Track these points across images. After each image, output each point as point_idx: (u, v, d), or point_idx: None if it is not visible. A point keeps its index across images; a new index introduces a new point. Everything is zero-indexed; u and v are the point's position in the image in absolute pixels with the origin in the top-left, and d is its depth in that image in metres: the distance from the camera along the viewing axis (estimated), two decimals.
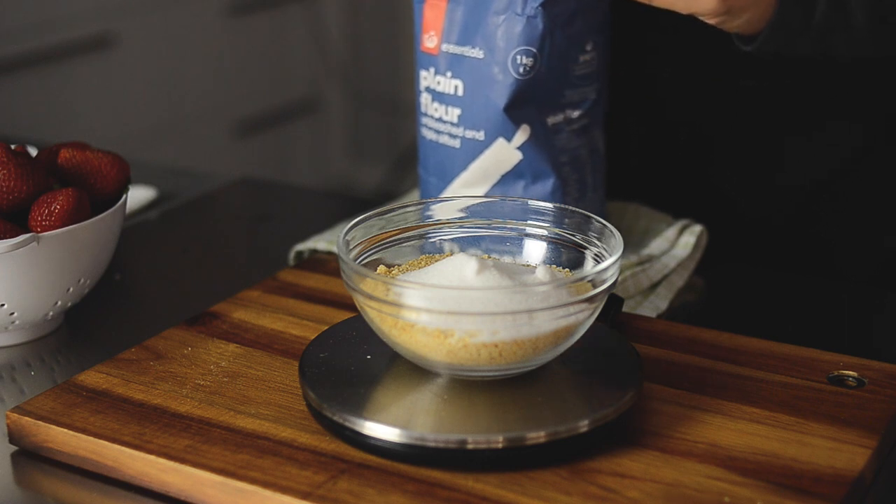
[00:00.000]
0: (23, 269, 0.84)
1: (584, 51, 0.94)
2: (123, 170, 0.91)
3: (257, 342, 0.85)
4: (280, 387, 0.78)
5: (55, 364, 0.89)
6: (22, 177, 0.85)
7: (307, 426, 0.73)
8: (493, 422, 0.70)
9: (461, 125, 0.94)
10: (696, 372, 0.79)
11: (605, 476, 0.68)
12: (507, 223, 0.82)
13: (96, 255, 0.90)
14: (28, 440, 0.75)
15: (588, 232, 0.78)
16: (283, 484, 0.67)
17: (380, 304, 0.71)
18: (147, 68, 2.44)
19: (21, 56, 2.18)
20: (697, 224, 1.00)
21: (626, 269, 0.95)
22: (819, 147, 1.08)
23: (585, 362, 0.75)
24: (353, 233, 0.77)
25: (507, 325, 0.69)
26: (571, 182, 0.95)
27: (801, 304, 0.97)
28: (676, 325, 0.86)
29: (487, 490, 0.67)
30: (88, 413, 0.75)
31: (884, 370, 0.79)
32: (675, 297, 0.95)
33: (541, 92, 0.92)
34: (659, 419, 0.73)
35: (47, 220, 0.85)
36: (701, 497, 0.66)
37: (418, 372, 0.74)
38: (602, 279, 0.72)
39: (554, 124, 0.94)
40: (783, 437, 0.72)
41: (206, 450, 0.71)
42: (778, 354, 0.81)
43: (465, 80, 0.93)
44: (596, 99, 0.96)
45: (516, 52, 0.91)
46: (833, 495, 0.66)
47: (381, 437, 0.69)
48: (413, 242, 0.81)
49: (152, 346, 0.84)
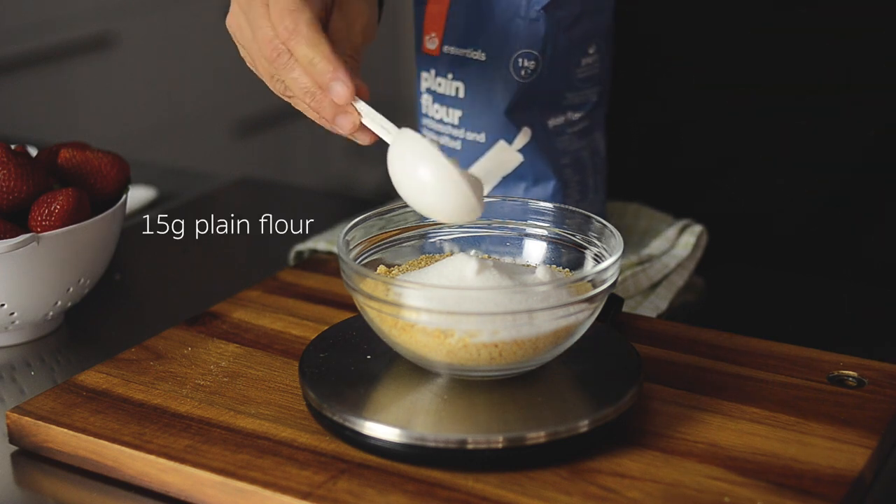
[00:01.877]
0: (23, 269, 0.84)
1: (587, 54, 0.93)
2: (123, 170, 0.91)
3: (257, 342, 0.85)
4: (280, 387, 0.78)
5: (55, 364, 0.89)
6: (22, 177, 0.85)
7: (307, 426, 0.73)
8: (493, 422, 0.70)
9: (462, 127, 0.94)
10: (696, 372, 0.79)
11: (605, 476, 0.68)
12: (507, 223, 0.82)
13: (96, 255, 0.90)
14: (28, 440, 0.75)
15: (588, 232, 0.78)
16: (283, 484, 0.67)
17: (380, 304, 0.71)
18: (147, 68, 2.43)
19: (21, 56, 2.17)
20: (697, 224, 1.00)
21: (626, 269, 0.95)
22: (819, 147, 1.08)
23: (585, 362, 0.75)
24: (353, 233, 0.77)
25: (507, 325, 0.69)
26: (572, 184, 0.95)
27: (801, 304, 0.97)
28: (676, 325, 0.86)
29: (487, 490, 0.67)
30: (88, 413, 0.75)
31: (884, 370, 0.79)
32: (675, 297, 0.95)
33: (542, 94, 0.92)
34: (659, 419, 0.73)
35: (47, 220, 0.85)
36: (701, 497, 0.66)
37: (418, 372, 0.74)
38: (602, 279, 0.72)
39: (555, 126, 0.94)
40: (783, 437, 0.72)
41: (206, 450, 0.71)
42: (778, 354, 0.81)
43: (467, 82, 0.93)
44: (597, 101, 0.96)
45: (518, 55, 0.91)
46: (833, 495, 0.66)
47: (381, 437, 0.69)
48: (413, 242, 0.81)
49: (152, 346, 0.84)
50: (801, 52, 1.05)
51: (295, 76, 0.74)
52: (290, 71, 0.74)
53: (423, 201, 0.72)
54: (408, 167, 0.72)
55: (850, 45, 1.04)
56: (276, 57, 0.74)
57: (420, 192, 0.72)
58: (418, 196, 0.72)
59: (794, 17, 1.04)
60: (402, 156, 0.72)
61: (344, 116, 0.75)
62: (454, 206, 0.72)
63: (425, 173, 0.71)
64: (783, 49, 1.05)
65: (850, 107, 1.06)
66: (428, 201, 0.72)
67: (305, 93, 0.74)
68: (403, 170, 0.72)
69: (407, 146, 0.72)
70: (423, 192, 0.72)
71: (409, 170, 0.72)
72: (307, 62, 0.73)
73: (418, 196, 0.72)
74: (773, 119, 1.08)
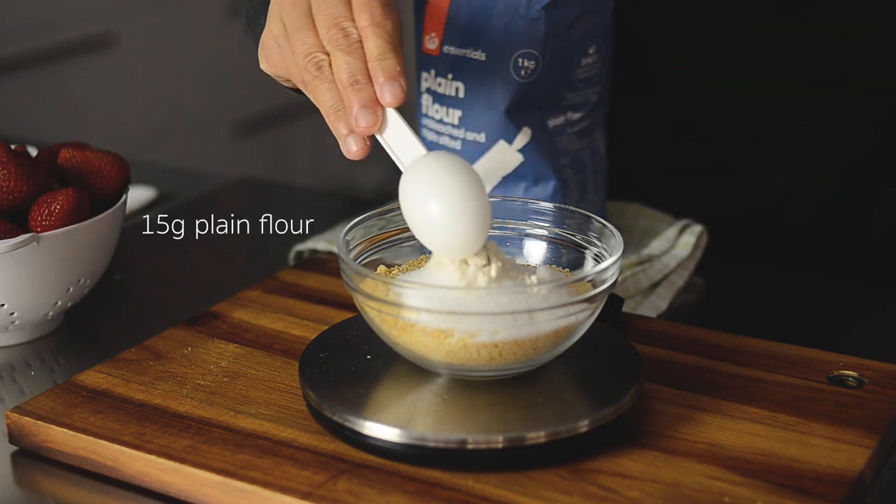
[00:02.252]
0: (23, 269, 0.84)
1: (587, 54, 0.93)
2: (123, 170, 0.91)
3: (257, 342, 0.85)
4: (280, 387, 0.78)
5: (55, 364, 0.89)
6: (22, 177, 0.85)
7: (307, 426, 0.73)
8: (493, 422, 0.70)
9: (462, 127, 0.94)
10: (696, 372, 0.79)
11: (605, 476, 0.68)
12: (507, 223, 0.82)
13: (96, 255, 0.90)
14: (28, 440, 0.75)
15: (588, 232, 0.78)
16: (283, 484, 0.67)
17: (380, 304, 0.71)
18: (147, 68, 2.44)
19: (21, 56, 2.18)
20: (697, 224, 1.00)
21: (626, 269, 0.95)
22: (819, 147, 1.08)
23: (585, 362, 0.75)
24: (353, 233, 0.77)
25: (507, 325, 0.69)
26: (572, 184, 0.95)
27: (801, 304, 0.97)
28: (676, 325, 0.86)
29: (487, 490, 0.67)
30: (88, 413, 0.75)
31: (884, 370, 0.79)
32: (675, 297, 0.95)
33: (542, 94, 0.92)
34: (659, 419, 0.73)
35: (47, 220, 0.85)
36: (701, 497, 0.66)
37: (418, 372, 0.74)
38: (602, 279, 0.72)
39: (555, 126, 0.94)
40: (783, 437, 0.72)
41: (206, 450, 0.71)
42: (778, 354, 0.81)
43: (467, 82, 0.93)
44: (597, 101, 0.96)
45: (518, 55, 0.91)
46: (833, 495, 0.66)
47: (381, 437, 0.69)
48: (413, 242, 0.80)
49: (152, 346, 0.84)
50: (801, 52, 1.05)
51: (349, 59, 0.73)
52: (349, 54, 0.74)
53: (429, 236, 0.72)
54: (417, 201, 0.72)
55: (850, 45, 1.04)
56: (342, 36, 0.74)
57: (426, 226, 0.72)
58: (425, 231, 0.72)
59: (794, 17, 1.04)
60: (407, 187, 0.72)
61: (369, 113, 0.74)
62: (454, 243, 0.72)
63: (433, 207, 0.71)
64: (783, 49, 1.05)
65: (849, 107, 1.06)
66: (434, 238, 0.72)
67: (351, 76, 0.73)
68: (413, 203, 0.72)
69: (413, 179, 0.72)
70: (428, 227, 0.72)
71: (417, 204, 0.72)
72: (378, 53, 0.73)
73: (425, 231, 0.72)
74: (773, 119, 1.08)
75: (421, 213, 0.71)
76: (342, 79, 0.74)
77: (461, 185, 0.71)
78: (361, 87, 0.73)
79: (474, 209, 0.71)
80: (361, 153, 0.74)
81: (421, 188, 0.71)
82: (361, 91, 0.73)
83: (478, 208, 0.71)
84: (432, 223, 0.71)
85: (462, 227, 0.71)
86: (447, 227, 0.71)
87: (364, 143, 0.74)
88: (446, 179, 0.71)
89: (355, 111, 0.73)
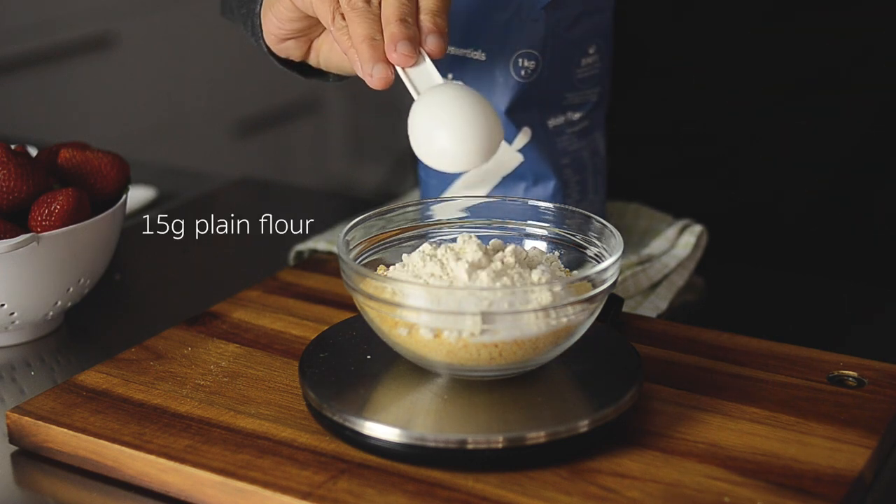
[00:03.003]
0: (23, 269, 0.84)
1: (587, 54, 0.93)
2: (123, 170, 0.91)
3: (257, 342, 0.85)
4: (280, 387, 0.78)
5: (55, 364, 0.89)
6: (22, 177, 0.85)
7: (307, 426, 0.73)
8: (493, 422, 0.70)
9: None
10: (696, 372, 0.79)
11: (605, 476, 0.68)
12: (507, 223, 0.82)
13: (96, 255, 0.90)
14: (28, 440, 0.75)
15: (588, 232, 0.78)
16: (283, 484, 0.67)
17: (380, 304, 0.71)
18: (147, 68, 2.43)
19: (21, 56, 2.17)
20: (697, 224, 1.00)
21: (626, 269, 0.95)
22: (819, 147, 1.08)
23: (585, 362, 0.75)
24: (353, 233, 0.77)
25: (507, 325, 0.69)
26: (572, 184, 0.95)
27: (801, 304, 0.97)
28: (676, 325, 0.86)
29: (487, 490, 0.67)
30: (88, 413, 0.75)
31: (884, 370, 0.79)
32: (675, 297, 0.95)
33: (542, 94, 0.92)
34: (659, 419, 0.73)
35: (47, 220, 0.85)
36: (701, 497, 0.66)
37: (418, 372, 0.74)
38: (602, 279, 0.72)
39: (555, 126, 0.94)
40: (783, 437, 0.72)
41: (206, 450, 0.71)
42: (778, 354, 0.81)
43: (467, 81, 0.93)
44: (597, 101, 0.96)
45: (518, 55, 0.91)
46: (833, 495, 0.66)
47: (381, 437, 0.69)
48: (413, 242, 0.81)
49: (152, 346, 0.84)
50: (801, 52, 1.05)
51: (406, 1, 0.75)
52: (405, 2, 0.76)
53: (437, 141, 0.74)
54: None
55: (849, 45, 1.04)
56: None
57: (434, 132, 0.74)
58: (432, 138, 0.74)
59: (794, 17, 1.04)
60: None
61: (412, 46, 0.75)
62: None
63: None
64: (783, 49, 1.05)
65: (849, 106, 1.06)
66: (441, 143, 0.74)
67: (403, 14, 0.75)
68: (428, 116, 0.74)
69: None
70: (437, 133, 0.74)
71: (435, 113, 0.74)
72: (435, 7, 0.76)
73: (432, 138, 0.74)
74: (772, 119, 1.08)
75: (433, 118, 0.74)
76: (390, 13, 0.75)
77: (472, 97, 0.74)
78: (409, 25, 0.75)
79: (484, 120, 0.73)
80: (385, 82, 0.75)
81: (435, 99, 0.75)
82: (409, 28, 0.75)
83: (486, 120, 0.74)
84: (442, 128, 0.74)
85: (472, 134, 0.73)
86: (457, 131, 0.73)
87: (390, 72, 0.75)
88: (459, 94, 0.74)
89: (398, 42, 0.75)
